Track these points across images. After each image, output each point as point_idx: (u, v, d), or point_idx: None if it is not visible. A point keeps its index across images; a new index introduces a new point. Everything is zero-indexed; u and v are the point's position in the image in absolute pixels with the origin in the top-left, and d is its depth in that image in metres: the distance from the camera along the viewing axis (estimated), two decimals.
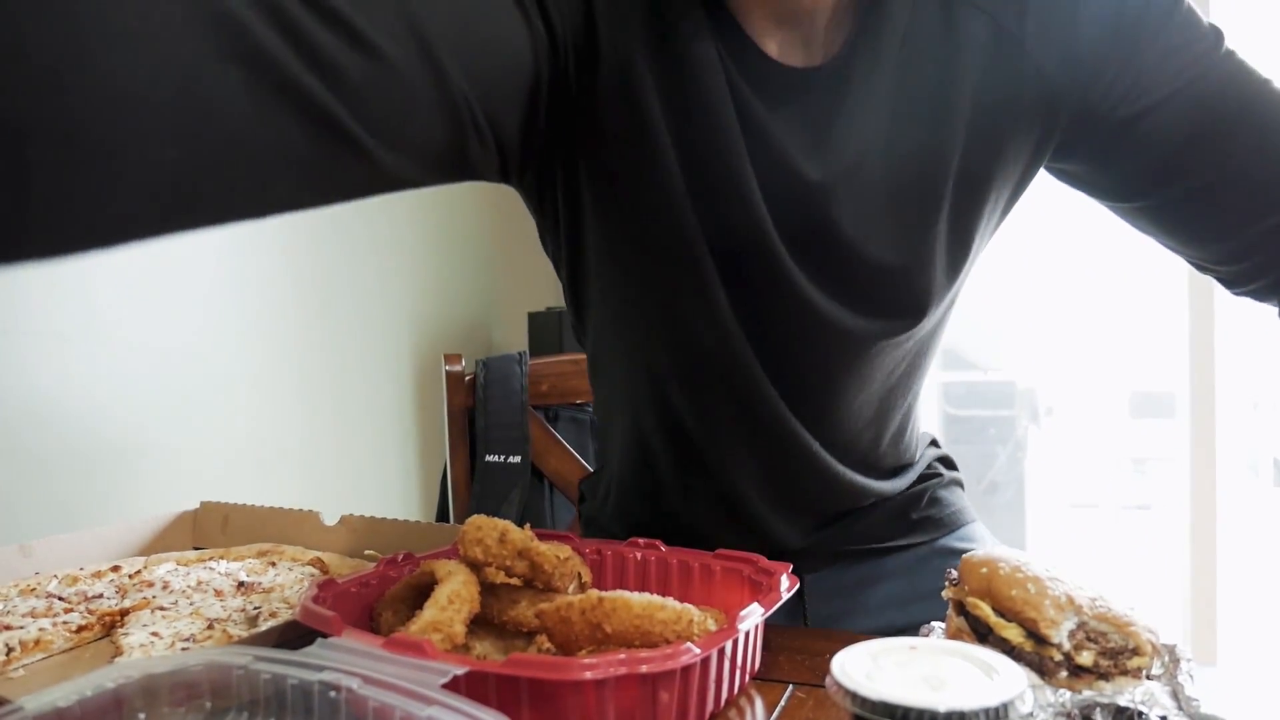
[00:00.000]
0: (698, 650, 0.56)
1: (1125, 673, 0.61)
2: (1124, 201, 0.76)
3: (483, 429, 1.53)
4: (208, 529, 1.12)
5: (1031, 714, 0.56)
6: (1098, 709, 0.57)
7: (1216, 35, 0.70)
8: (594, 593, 0.63)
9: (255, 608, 0.80)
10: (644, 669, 0.54)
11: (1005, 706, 0.42)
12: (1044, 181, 0.82)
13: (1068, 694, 0.58)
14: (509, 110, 0.66)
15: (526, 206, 0.84)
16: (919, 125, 0.71)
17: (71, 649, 0.76)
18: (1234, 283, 0.76)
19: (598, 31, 0.69)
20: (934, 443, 1.03)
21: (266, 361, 1.91)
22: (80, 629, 0.77)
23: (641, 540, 0.84)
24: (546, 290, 2.53)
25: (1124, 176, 0.74)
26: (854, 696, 0.44)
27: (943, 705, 0.42)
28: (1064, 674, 0.61)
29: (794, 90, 0.72)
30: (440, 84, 0.57)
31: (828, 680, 0.46)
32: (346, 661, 0.48)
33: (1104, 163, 0.74)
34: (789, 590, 0.69)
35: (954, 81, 0.70)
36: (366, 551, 1.00)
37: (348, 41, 0.50)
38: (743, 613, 0.62)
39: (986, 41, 0.70)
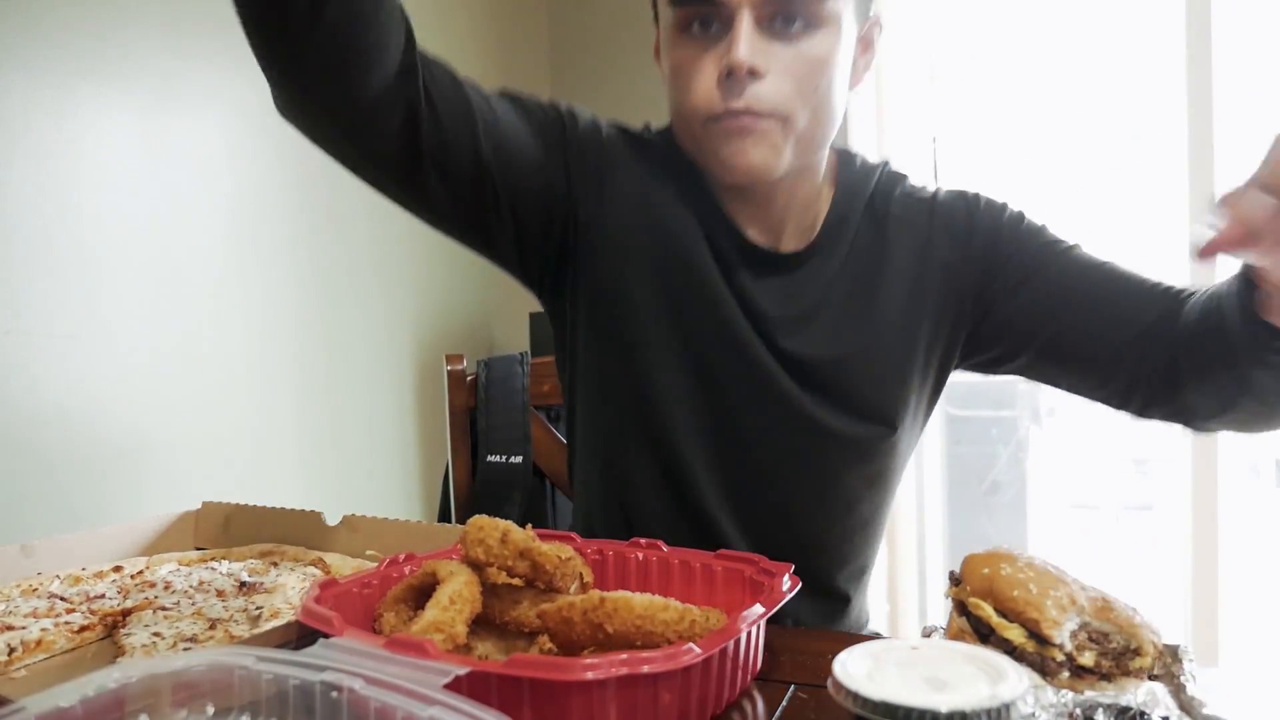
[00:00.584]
0: (699, 651, 0.56)
1: (1127, 673, 0.61)
2: (1020, 356, 0.98)
3: (484, 429, 1.53)
4: (209, 529, 1.12)
5: (1033, 715, 0.56)
6: (1100, 710, 0.57)
7: (1067, 240, 0.97)
8: (596, 593, 0.63)
9: (257, 608, 0.80)
10: (646, 669, 0.54)
11: (1007, 707, 0.42)
12: (1044, 181, 0.85)
13: (1070, 695, 0.58)
14: (525, 198, 0.91)
15: (547, 315, 1.04)
16: (859, 298, 0.95)
17: (73, 649, 0.76)
18: (1125, 406, 0.95)
19: (604, 189, 0.95)
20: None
21: (268, 362, 1.91)
22: (82, 629, 0.77)
23: (643, 540, 0.84)
24: None
25: (1016, 335, 0.96)
26: (855, 697, 0.44)
27: (944, 706, 0.42)
28: (1066, 674, 0.61)
29: (765, 263, 0.96)
30: (474, 140, 0.86)
31: (829, 681, 0.46)
32: (348, 662, 0.48)
33: (1000, 328, 0.97)
34: (790, 590, 0.69)
35: (885, 269, 0.96)
36: (368, 552, 1.00)
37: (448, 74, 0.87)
38: (744, 613, 0.62)
39: (910, 244, 0.96)
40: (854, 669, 0.46)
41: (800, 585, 0.70)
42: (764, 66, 0.82)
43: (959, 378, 1.06)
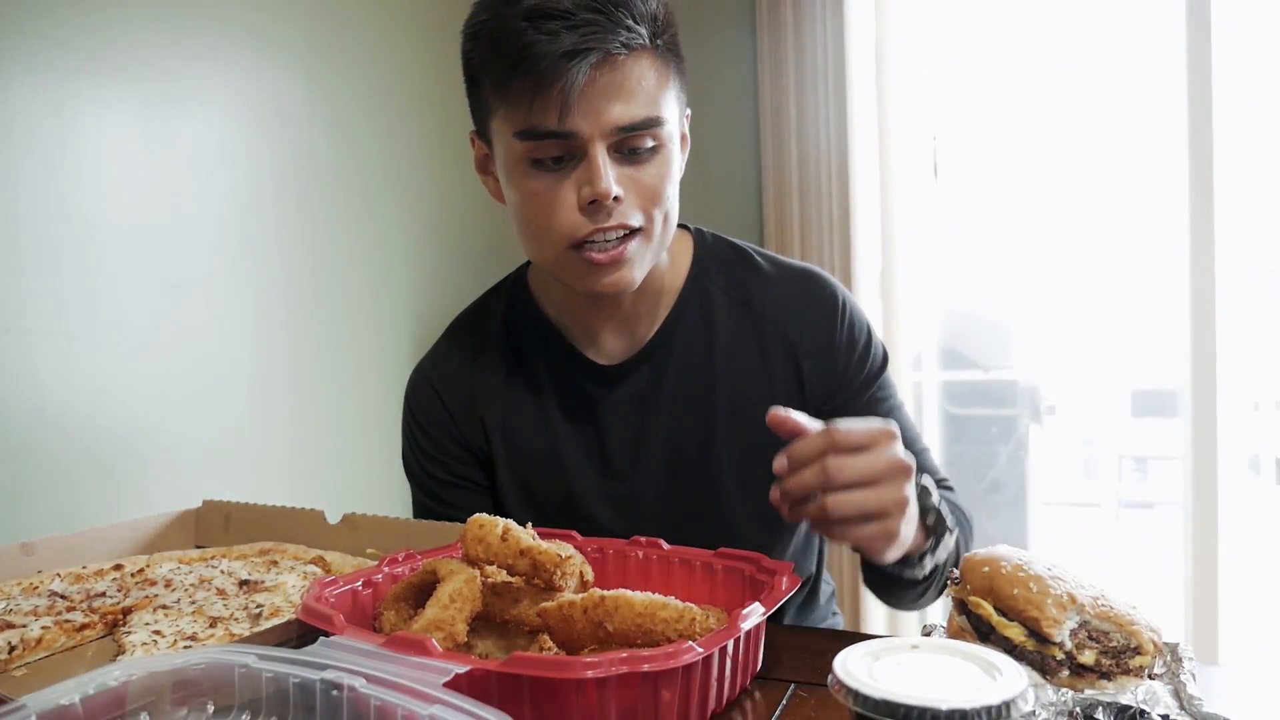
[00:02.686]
0: (700, 649, 0.56)
1: (1127, 672, 0.61)
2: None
3: None
4: (210, 527, 1.12)
5: (1034, 713, 0.56)
6: (1100, 708, 0.57)
7: (890, 387, 1.06)
8: (596, 591, 0.63)
9: (258, 606, 0.80)
10: (646, 668, 0.54)
11: (1007, 705, 0.42)
12: (1040, 176, 0.83)
13: (1069, 693, 0.58)
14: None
15: None
16: (707, 386, 1.01)
17: (74, 647, 0.76)
18: None
19: (486, 427, 1.05)
20: None
21: (268, 360, 1.91)
22: (82, 627, 0.77)
23: (643, 539, 0.84)
24: None
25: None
26: (856, 695, 0.44)
27: (945, 704, 0.42)
28: (1066, 673, 0.61)
29: (612, 380, 1.03)
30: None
31: (830, 679, 0.46)
32: (348, 660, 0.48)
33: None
34: (790, 589, 0.69)
35: (737, 352, 1.02)
36: (368, 550, 1.00)
37: None
38: (744, 611, 0.62)
39: (775, 346, 1.02)
40: (855, 668, 0.46)
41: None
42: (623, 191, 0.88)
43: (956, 375, 1.07)
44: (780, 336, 1.02)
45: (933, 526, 0.81)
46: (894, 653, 0.48)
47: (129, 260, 1.62)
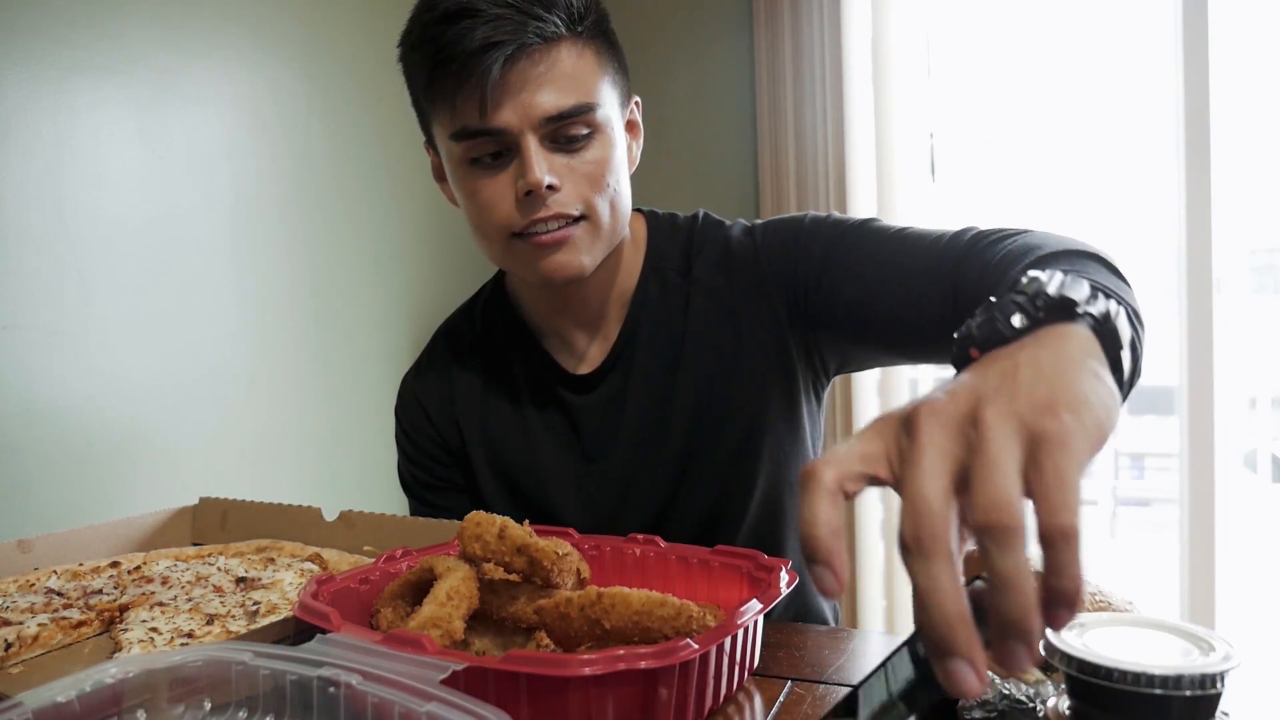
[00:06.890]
0: (697, 646, 0.56)
1: None
2: (861, 350, 0.99)
3: None
4: (207, 525, 1.12)
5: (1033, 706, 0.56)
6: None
7: (859, 219, 0.97)
8: (593, 589, 0.63)
9: (254, 603, 0.80)
10: (643, 665, 0.54)
11: (1219, 676, 0.43)
12: (1036, 174, 0.83)
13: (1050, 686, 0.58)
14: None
15: None
16: (668, 380, 1.00)
17: (70, 644, 0.76)
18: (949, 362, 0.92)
19: (463, 431, 1.07)
20: None
21: (266, 357, 1.91)
22: (79, 624, 0.77)
23: (640, 536, 0.84)
24: None
25: (844, 331, 0.96)
26: (1070, 658, 0.44)
27: (1157, 669, 0.42)
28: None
29: (583, 386, 1.03)
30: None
31: (1043, 643, 0.45)
32: (345, 657, 0.48)
33: (829, 329, 0.97)
34: (788, 586, 0.69)
35: (686, 341, 1.00)
36: (365, 547, 1.00)
37: None
38: (742, 608, 0.62)
39: (711, 302, 1.00)
40: (1067, 634, 0.46)
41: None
42: (559, 180, 0.88)
43: (953, 372, 1.05)
44: (719, 300, 0.99)
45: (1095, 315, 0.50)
46: (1102, 625, 0.48)
47: (125, 257, 1.62)
